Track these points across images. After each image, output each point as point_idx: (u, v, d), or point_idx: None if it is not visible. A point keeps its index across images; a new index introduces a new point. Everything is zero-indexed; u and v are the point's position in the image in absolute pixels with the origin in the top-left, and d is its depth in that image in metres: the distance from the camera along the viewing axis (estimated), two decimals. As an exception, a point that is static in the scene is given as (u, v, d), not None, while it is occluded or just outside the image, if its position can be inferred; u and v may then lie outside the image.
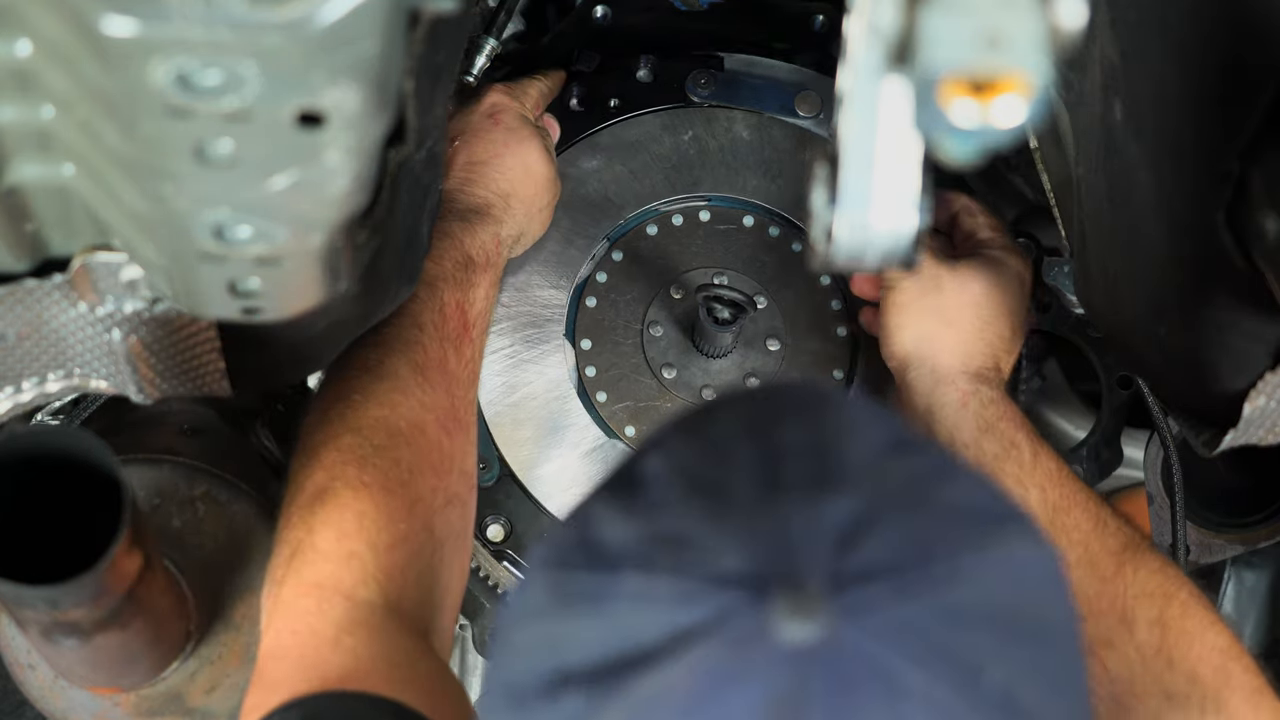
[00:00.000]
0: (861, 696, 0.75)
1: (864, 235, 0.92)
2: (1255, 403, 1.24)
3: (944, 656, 0.77)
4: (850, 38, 0.87)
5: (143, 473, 1.53)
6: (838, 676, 0.75)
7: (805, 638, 0.75)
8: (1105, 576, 1.46)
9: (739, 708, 0.75)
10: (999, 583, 0.80)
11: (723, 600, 0.76)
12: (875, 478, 0.82)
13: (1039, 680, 0.81)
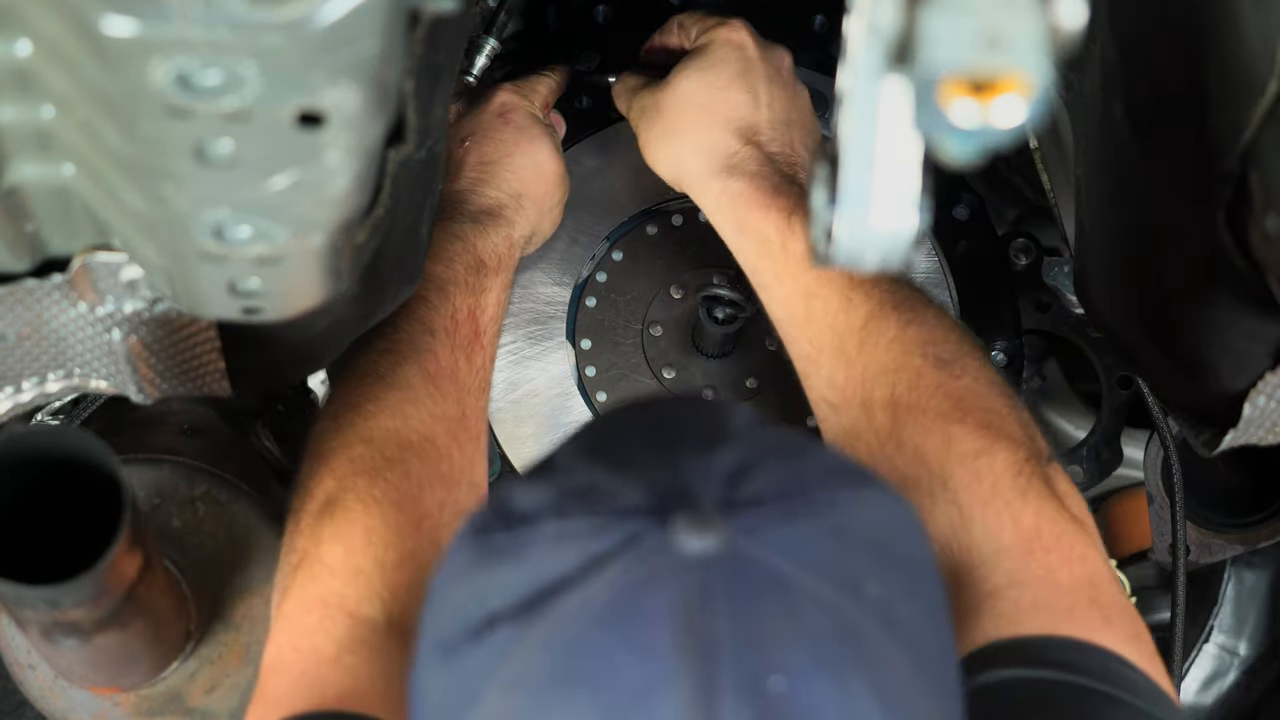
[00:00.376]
0: (760, 595, 0.83)
1: (864, 235, 0.92)
2: (1255, 403, 1.24)
3: (830, 569, 0.86)
4: (850, 38, 0.87)
5: (143, 473, 1.53)
6: (737, 579, 0.84)
7: (705, 548, 0.84)
8: (850, 358, 1.42)
9: (651, 610, 0.83)
10: (872, 517, 0.90)
11: (630, 526, 0.85)
12: (755, 438, 0.92)
13: (913, 603, 0.90)
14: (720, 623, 0.83)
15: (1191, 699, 2.01)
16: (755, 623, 0.83)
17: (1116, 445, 1.83)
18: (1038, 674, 1.16)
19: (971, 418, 1.34)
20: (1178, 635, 1.73)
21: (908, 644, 0.88)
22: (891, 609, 0.87)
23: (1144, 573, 1.96)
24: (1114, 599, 1.26)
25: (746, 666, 0.82)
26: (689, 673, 0.82)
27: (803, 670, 0.83)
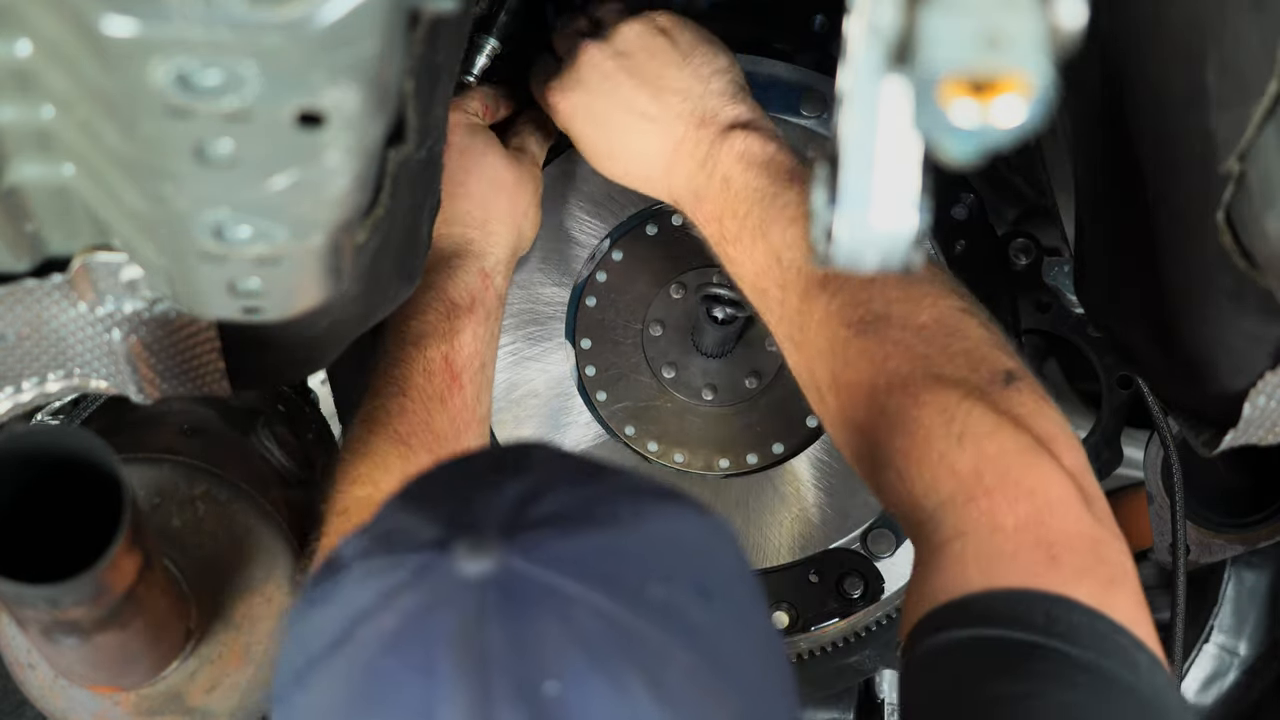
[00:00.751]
0: (532, 608, 0.90)
1: (864, 235, 0.92)
2: (1255, 403, 1.24)
3: (605, 578, 0.91)
4: (850, 38, 0.87)
5: (143, 473, 1.53)
6: (511, 596, 0.90)
7: (482, 570, 0.90)
8: (799, 345, 1.42)
9: (435, 632, 0.90)
10: (662, 529, 0.96)
11: (419, 558, 0.92)
12: (548, 468, 0.99)
13: (705, 604, 0.94)
14: (495, 637, 0.89)
15: (1191, 699, 2.01)
16: (529, 634, 0.89)
17: (1116, 445, 1.83)
18: (974, 633, 1.17)
19: (895, 378, 1.32)
20: (1178, 635, 1.73)
21: (692, 643, 0.92)
22: (675, 611, 0.92)
23: (1144, 573, 1.95)
24: (1064, 531, 1.22)
25: (521, 675, 0.89)
26: (467, 686, 0.89)
27: (577, 673, 0.89)
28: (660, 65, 1.56)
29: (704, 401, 1.77)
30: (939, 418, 1.28)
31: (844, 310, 1.37)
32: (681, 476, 1.75)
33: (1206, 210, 1.11)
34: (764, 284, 1.46)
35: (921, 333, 1.34)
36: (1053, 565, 1.20)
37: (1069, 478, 1.25)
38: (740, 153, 1.50)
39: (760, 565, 1.73)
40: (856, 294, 1.37)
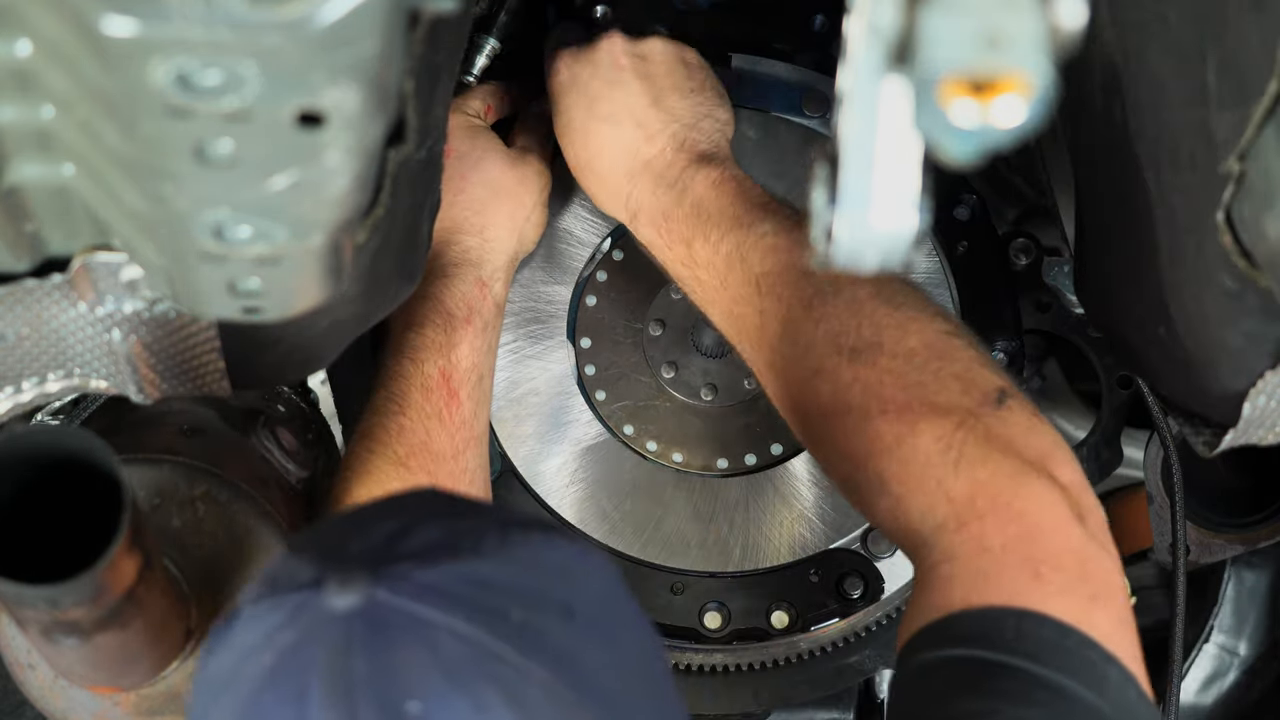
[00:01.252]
0: (396, 636, 0.96)
1: (864, 235, 0.92)
2: (1255, 403, 1.24)
3: (467, 604, 0.98)
4: (850, 38, 0.87)
5: (143, 473, 1.53)
6: (376, 626, 0.97)
7: (349, 604, 0.97)
8: (779, 370, 1.44)
9: (308, 665, 0.96)
10: (523, 561, 1.02)
11: (297, 598, 0.98)
12: (424, 505, 1.08)
13: (568, 625, 1.01)
14: (361, 665, 0.96)
15: (1191, 699, 2.01)
16: (393, 660, 0.96)
17: (1116, 445, 1.83)
18: (944, 653, 1.19)
19: (891, 405, 1.33)
20: (1178, 635, 1.73)
21: (551, 660, 0.98)
22: (535, 631, 0.99)
23: (1144, 573, 1.96)
24: (1052, 549, 1.24)
25: (385, 698, 0.95)
26: (333, 710, 0.95)
27: (438, 693, 0.95)
28: (669, 84, 1.60)
29: (703, 401, 1.77)
30: (935, 445, 1.30)
31: (832, 336, 1.38)
32: (680, 476, 1.75)
33: (1206, 210, 1.11)
34: (741, 309, 1.47)
35: (913, 359, 1.35)
36: (1035, 582, 1.22)
37: (1062, 495, 1.27)
38: (715, 180, 1.52)
39: (760, 565, 1.73)
40: (845, 320, 1.39)
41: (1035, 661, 1.16)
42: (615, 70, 1.60)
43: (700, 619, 1.72)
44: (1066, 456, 1.31)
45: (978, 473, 1.28)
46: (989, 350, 1.40)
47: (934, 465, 1.29)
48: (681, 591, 1.72)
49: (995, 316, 1.78)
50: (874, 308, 1.39)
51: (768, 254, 1.46)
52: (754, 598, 1.72)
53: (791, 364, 1.41)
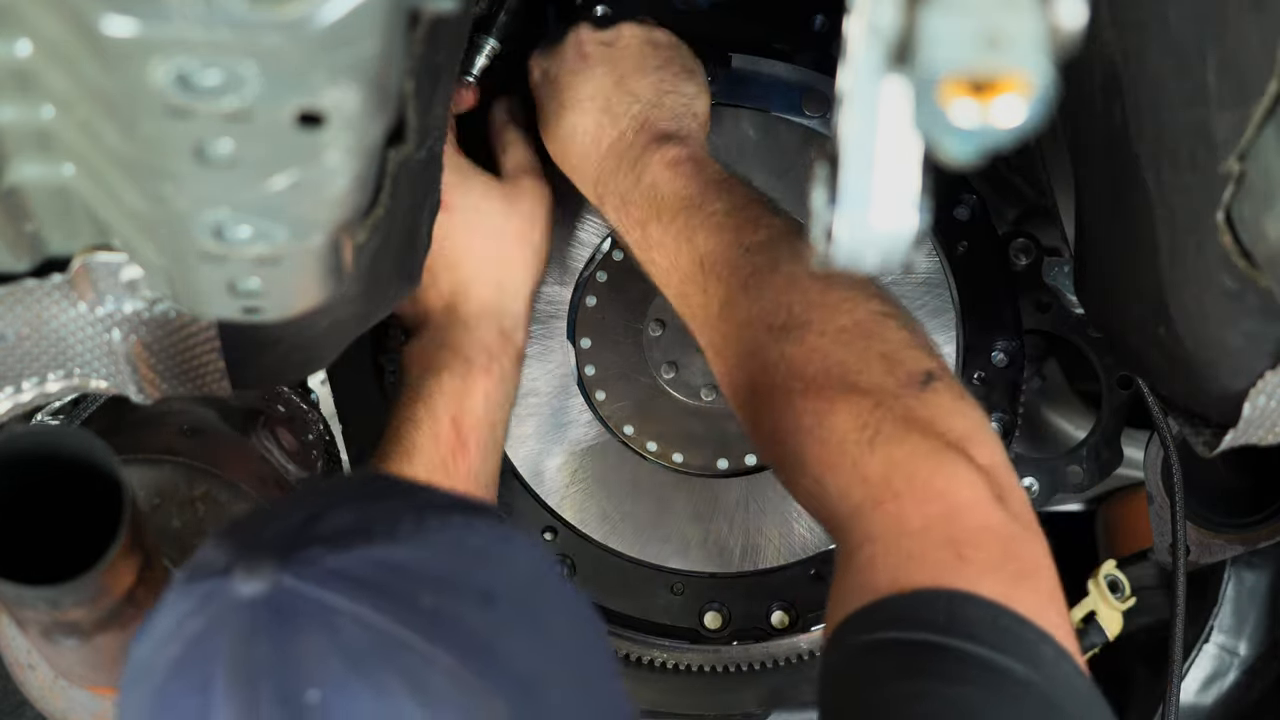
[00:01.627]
0: (300, 622, 0.96)
1: (864, 235, 0.92)
2: (1255, 403, 1.24)
3: (375, 589, 0.97)
4: (850, 38, 0.87)
5: (143, 473, 1.53)
6: (281, 612, 0.96)
7: (255, 591, 0.96)
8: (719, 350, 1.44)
9: (212, 652, 0.96)
10: (439, 545, 1.01)
11: (206, 586, 0.98)
12: (341, 489, 1.08)
13: (485, 609, 1.00)
14: (263, 652, 0.96)
15: (1191, 699, 2.01)
16: (294, 647, 0.96)
17: (1116, 445, 1.83)
18: (875, 637, 1.19)
19: (812, 384, 1.33)
20: (1178, 635, 1.73)
21: (463, 648, 0.98)
22: (446, 617, 0.98)
23: (1144, 573, 1.96)
24: (972, 529, 1.24)
25: (285, 685, 0.95)
26: (236, 701, 0.95)
27: (338, 680, 0.95)
28: (632, 66, 1.61)
29: (703, 401, 1.77)
30: (852, 424, 1.30)
31: (765, 315, 1.38)
32: (680, 477, 1.75)
33: (1206, 210, 1.11)
34: (688, 289, 1.47)
35: (840, 336, 1.35)
36: (960, 562, 1.21)
37: (981, 475, 1.27)
38: (671, 159, 1.52)
39: (760, 565, 1.73)
40: (778, 298, 1.38)
41: (969, 640, 1.16)
42: (579, 60, 1.62)
43: (700, 619, 1.72)
44: (988, 438, 1.31)
45: (894, 452, 1.27)
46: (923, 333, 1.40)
47: (850, 445, 1.29)
48: (681, 591, 1.72)
49: (995, 316, 1.78)
50: (808, 285, 1.39)
51: (713, 233, 1.46)
52: (754, 598, 1.72)
53: (730, 343, 1.41)
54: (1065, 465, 1.83)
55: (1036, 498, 1.82)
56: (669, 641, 1.74)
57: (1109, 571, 1.87)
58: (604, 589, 1.72)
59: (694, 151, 1.54)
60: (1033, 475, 1.82)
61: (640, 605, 1.73)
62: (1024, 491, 1.31)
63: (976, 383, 1.76)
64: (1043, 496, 1.82)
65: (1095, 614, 1.86)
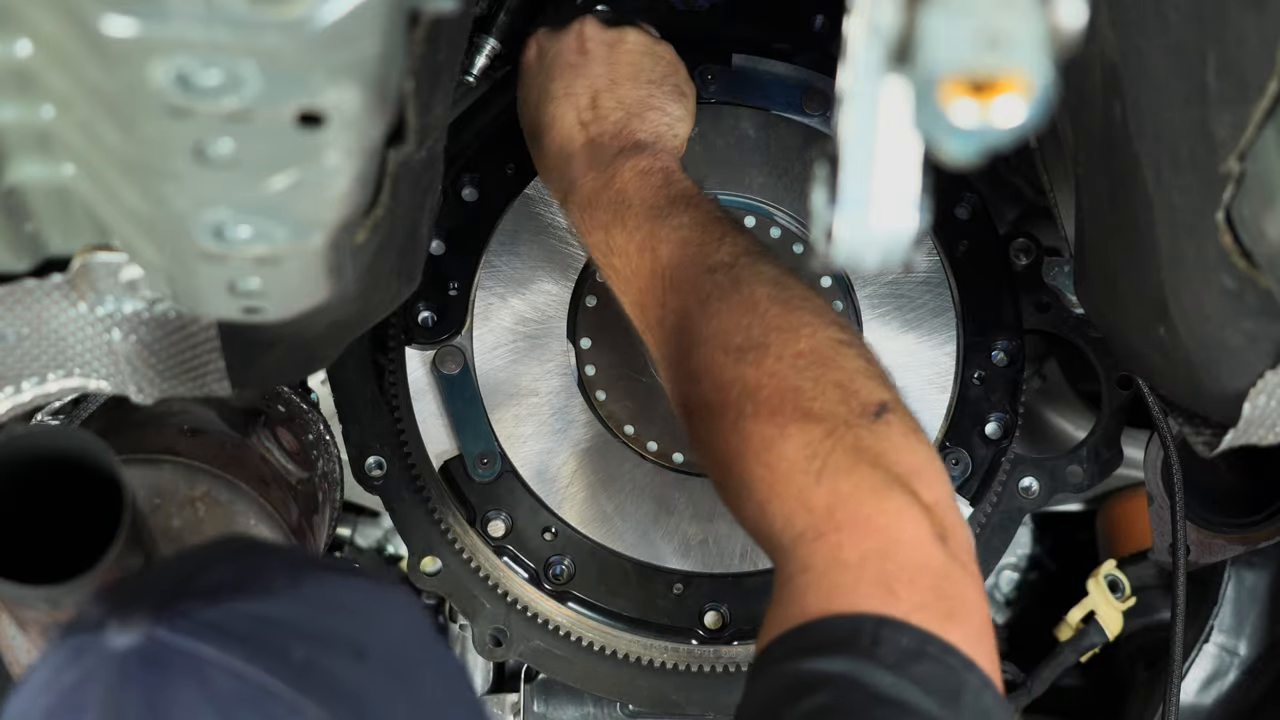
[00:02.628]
0: (170, 673, 0.99)
1: (864, 235, 0.92)
2: (1255, 402, 1.24)
3: (247, 642, 1.00)
4: (850, 38, 0.87)
5: (143, 473, 1.53)
6: (152, 663, 0.99)
7: (127, 643, 0.99)
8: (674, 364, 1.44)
9: (83, 702, 0.99)
10: (314, 601, 1.05)
11: (80, 640, 1.00)
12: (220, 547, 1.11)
13: (356, 663, 1.03)
14: (133, 701, 0.98)
15: (1191, 699, 2.01)
16: (163, 697, 0.99)
17: (1116, 445, 1.83)
18: (795, 665, 1.19)
19: (764, 407, 1.32)
20: (1178, 635, 1.73)
21: (334, 700, 1.01)
22: (317, 670, 1.01)
23: (1144, 573, 1.96)
24: (907, 566, 1.24)
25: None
26: None
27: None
28: (628, 73, 1.61)
29: None
30: (801, 452, 1.29)
31: (723, 334, 1.38)
32: (680, 476, 1.75)
33: (1206, 210, 1.11)
34: (645, 299, 1.47)
35: (796, 361, 1.34)
36: (890, 597, 1.22)
37: (924, 512, 1.27)
38: (643, 169, 1.52)
39: (760, 565, 1.73)
40: (738, 318, 1.38)
41: (892, 670, 1.17)
42: (579, 53, 1.62)
43: (700, 619, 1.72)
44: (937, 475, 1.30)
45: (840, 484, 1.27)
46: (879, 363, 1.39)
47: (797, 473, 1.29)
48: (681, 592, 1.72)
49: (995, 316, 1.78)
50: (767, 308, 1.38)
51: (676, 247, 1.45)
52: (754, 598, 1.72)
53: (683, 358, 1.41)
54: (1065, 465, 1.83)
55: (1036, 498, 1.82)
56: (669, 641, 1.74)
57: (1109, 571, 1.87)
58: (604, 589, 1.72)
59: (666, 164, 1.54)
60: (1033, 475, 1.82)
61: (640, 605, 1.73)
62: (968, 529, 1.30)
63: (976, 383, 1.76)
64: (1043, 496, 1.82)
65: (1095, 614, 1.86)
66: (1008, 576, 2.33)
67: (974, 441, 1.76)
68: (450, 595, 1.76)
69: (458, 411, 1.74)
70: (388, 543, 2.22)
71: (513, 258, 1.76)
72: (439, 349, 1.75)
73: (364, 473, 1.78)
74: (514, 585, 1.74)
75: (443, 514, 1.75)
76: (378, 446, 1.78)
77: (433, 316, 1.75)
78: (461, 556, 1.75)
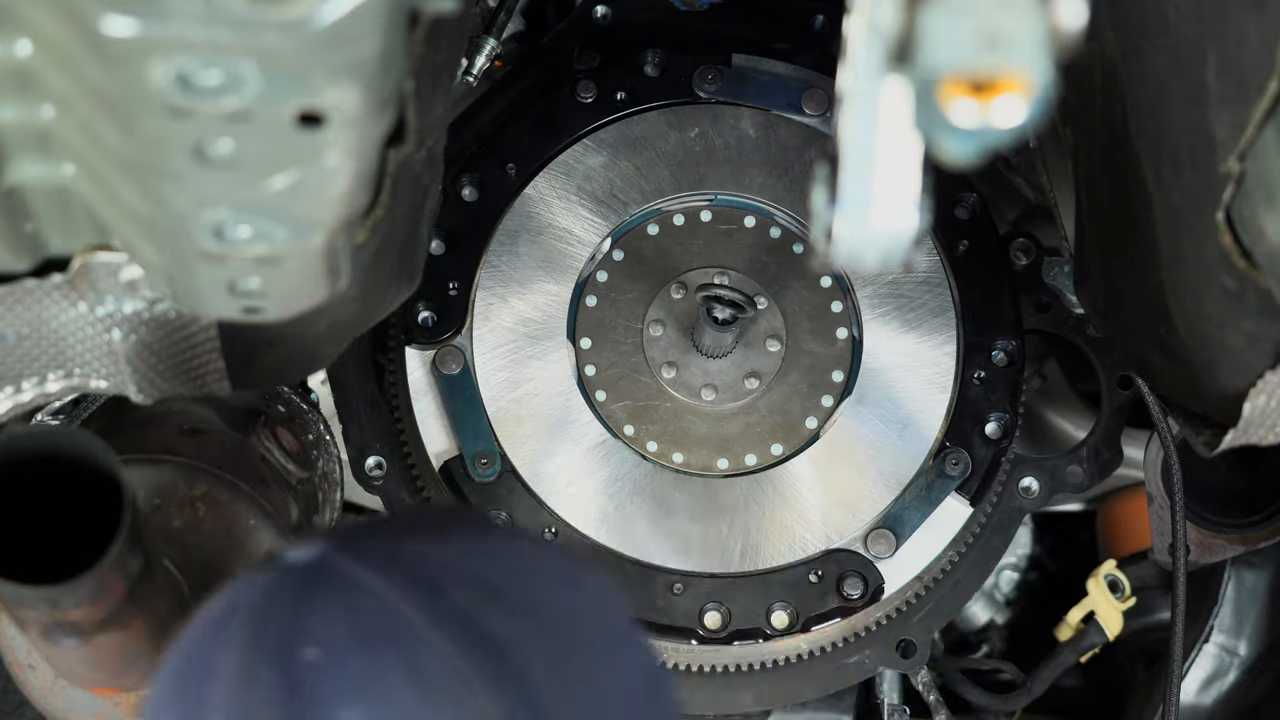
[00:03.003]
0: (323, 588, 1.03)
1: (864, 235, 0.92)
2: (1255, 402, 1.24)
3: (404, 576, 1.03)
4: (850, 38, 0.87)
5: (143, 473, 1.53)
6: (309, 579, 1.04)
7: (298, 558, 1.05)
8: None
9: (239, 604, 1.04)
10: (491, 558, 1.09)
11: (279, 559, 1.06)
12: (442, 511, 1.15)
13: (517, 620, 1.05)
14: (280, 607, 1.03)
15: (1191, 699, 2.01)
16: (307, 606, 1.03)
17: (1116, 445, 1.83)
18: None
19: None
20: (1178, 635, 1.73)
21: (475, 647, 1.03)
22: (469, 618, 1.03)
23: (1144, 573, 1.96)
24: None
25: (288, 638, 1.02)
26: (241, 644, 1.03)
27: (339, 646, 1.01)
28: None
29: (704, 401, 1.77)
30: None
31: None
32: (680, 477, 1.75)
33: (1206, 210, 1.11)
34: None
35: None
36: None
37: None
38: None
39: (760, 565, 1.73)
40: None
41: None
42: None
43: (700, 619, 1.72)
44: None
45: None
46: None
47: None
48: (681, 592, 1.72)
49: (995, 316, 1.78)
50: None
51: None
52: (754, 598, 1.72)
53: None
54: (1065, 465, 1.83)
55: (1036, 498, 1.82)
56: (669, 641, 1.74)
57: (1109, 571, 1.87)
58: (604, 589, 1.73)
59: None
60: (1033, 475, 1.82)
61: (640, 605, 1.73)
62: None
63: (976, 383, 1.76)
64: (1043, 496, 1.82)
65: (1095, 614, 1.86)
66: (1008, 576, 2.33)
67: (974, 441, 1.76)
68: (450, 595, 1.76)
69: (457, 411, 1.74)
70: (388, 543, 2.22)
71: (513, 258, 1.76)
72: (439, 349, 1.75)
73: (364, 473, 1.78)
74: (514, 585, 1.74)
75: (443, 514, 1.75)
76: (378, 447, 1.79)
77: (433, 316, 1.75)
78: (461, 556, 1.75)
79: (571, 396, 1.75)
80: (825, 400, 1.77)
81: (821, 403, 1.77)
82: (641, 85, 1.80)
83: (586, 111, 1.79)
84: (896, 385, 1.76)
